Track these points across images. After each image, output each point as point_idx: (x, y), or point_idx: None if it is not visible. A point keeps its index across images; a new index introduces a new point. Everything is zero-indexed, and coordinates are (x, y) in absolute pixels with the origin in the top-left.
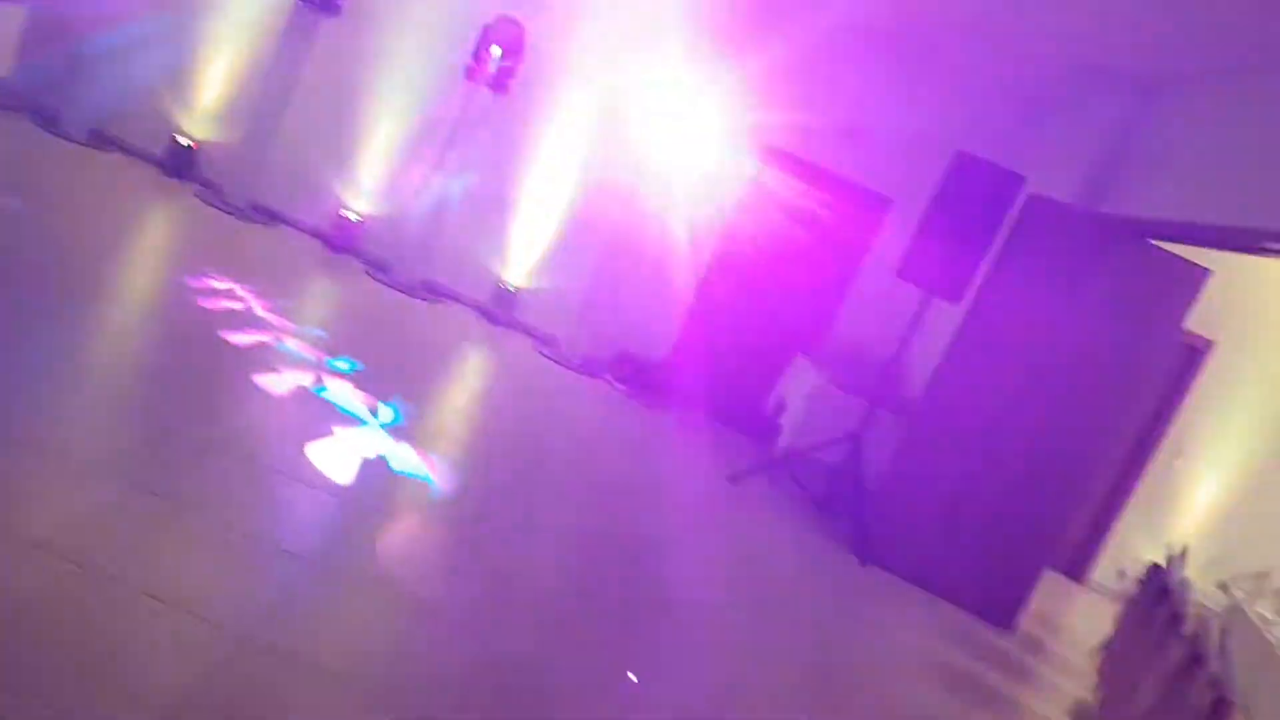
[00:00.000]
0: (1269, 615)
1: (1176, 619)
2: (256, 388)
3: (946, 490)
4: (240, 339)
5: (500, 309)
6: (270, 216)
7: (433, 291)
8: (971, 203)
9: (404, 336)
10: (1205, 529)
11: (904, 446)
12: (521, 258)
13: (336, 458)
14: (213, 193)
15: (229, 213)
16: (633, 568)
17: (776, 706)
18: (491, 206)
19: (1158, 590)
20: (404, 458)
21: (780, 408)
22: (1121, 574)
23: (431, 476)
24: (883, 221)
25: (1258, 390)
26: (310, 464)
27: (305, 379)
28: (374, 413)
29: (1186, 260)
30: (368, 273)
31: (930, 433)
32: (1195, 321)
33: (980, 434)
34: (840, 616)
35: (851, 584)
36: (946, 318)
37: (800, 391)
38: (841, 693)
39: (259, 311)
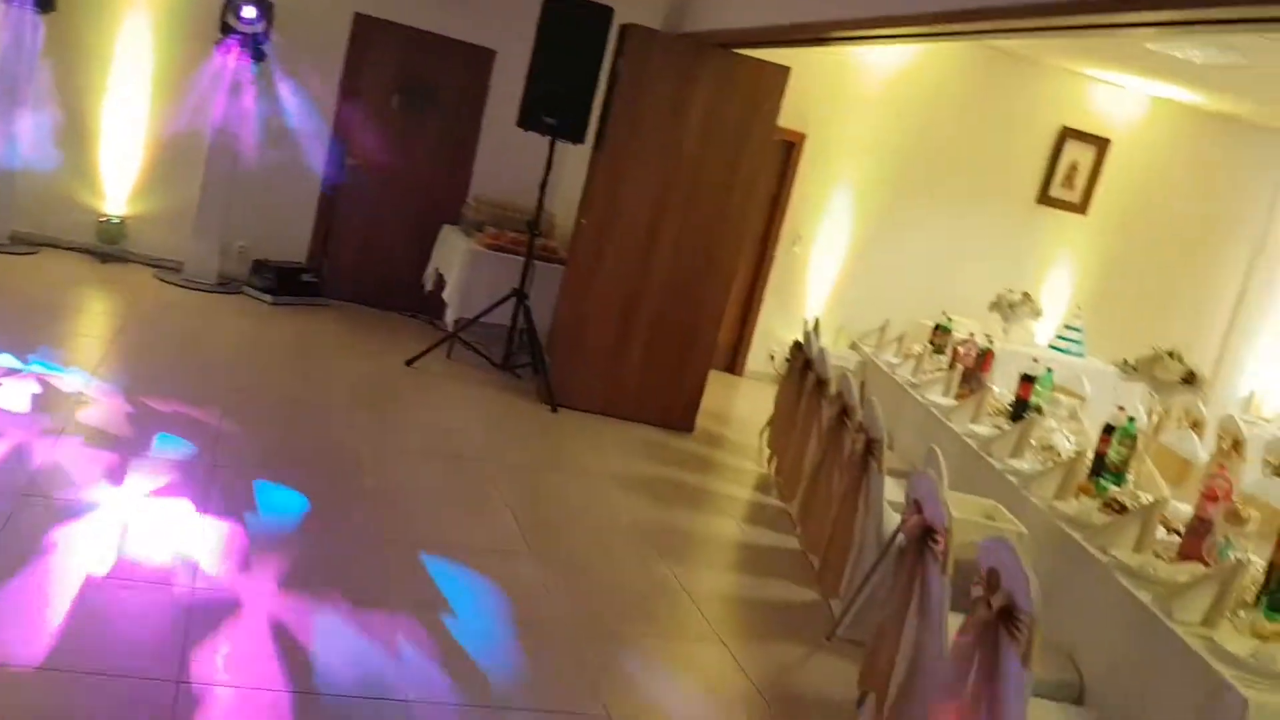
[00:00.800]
0: (893, 360)
1: (822, 384)
2: None
3: (610, 321)
4: None
5: (108, 245)
6: None
7: (25, 242)
8: (570, 41)
9: (8, 297)
10: (830, 301)
11: (564, 291)
12: (118, 186)
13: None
14: None
15: None
16: (334, 464)
17: (502, 554)
18: (69, 137)
19: (803, 364)
20: (72, 387)
21: (439, 282)
22: (770, 358)
23: (95, 399)
24: (490, 75)
25: (844, 170)
26: None
27: None
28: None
29: (768, 62)
30: None
31: (584, 271)
32: (785, 117)
33: (628, 262)
34: (543, 462)
35: (547, 431)
36: (577, 158)
37: (454, 261)
38: (557, 527)
39: None
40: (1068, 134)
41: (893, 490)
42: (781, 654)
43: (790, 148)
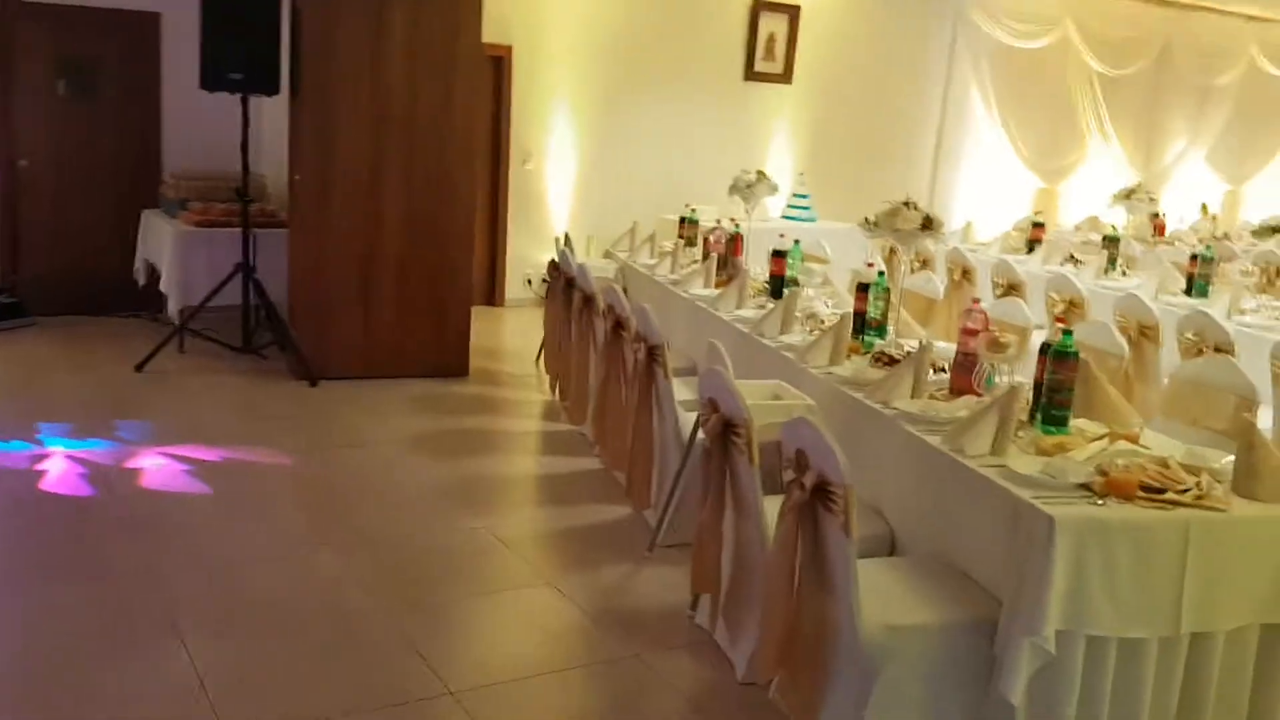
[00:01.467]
0: (649, 261)
1: (589, 299)
2: None
3: (352, 277)
4: None
5: None
6: None
7: None
8: None
9: None
10: (574, 213)
11: (293, 255)
12: None
13: None
14: None
15: None
16: (66, 501)
17: (294, 554)
18: None
19: (565, 282)
20: None
21: (152, 273)
22: (528, 282)
23: None
24: (159, 40)
25: (558, 78)
26: None
27: None
28: None
29: None
30: None
31: (311, 230)
32: (489, 31)
33: (357, 211)
34: (317, 442)
35: (312, 408)
36: (276, 111)
37: (164, 248)
38: (349, 509)
39: None
40: (760, 7)
41: (680, 390)
42: (607, 576)
43: (500, 63)
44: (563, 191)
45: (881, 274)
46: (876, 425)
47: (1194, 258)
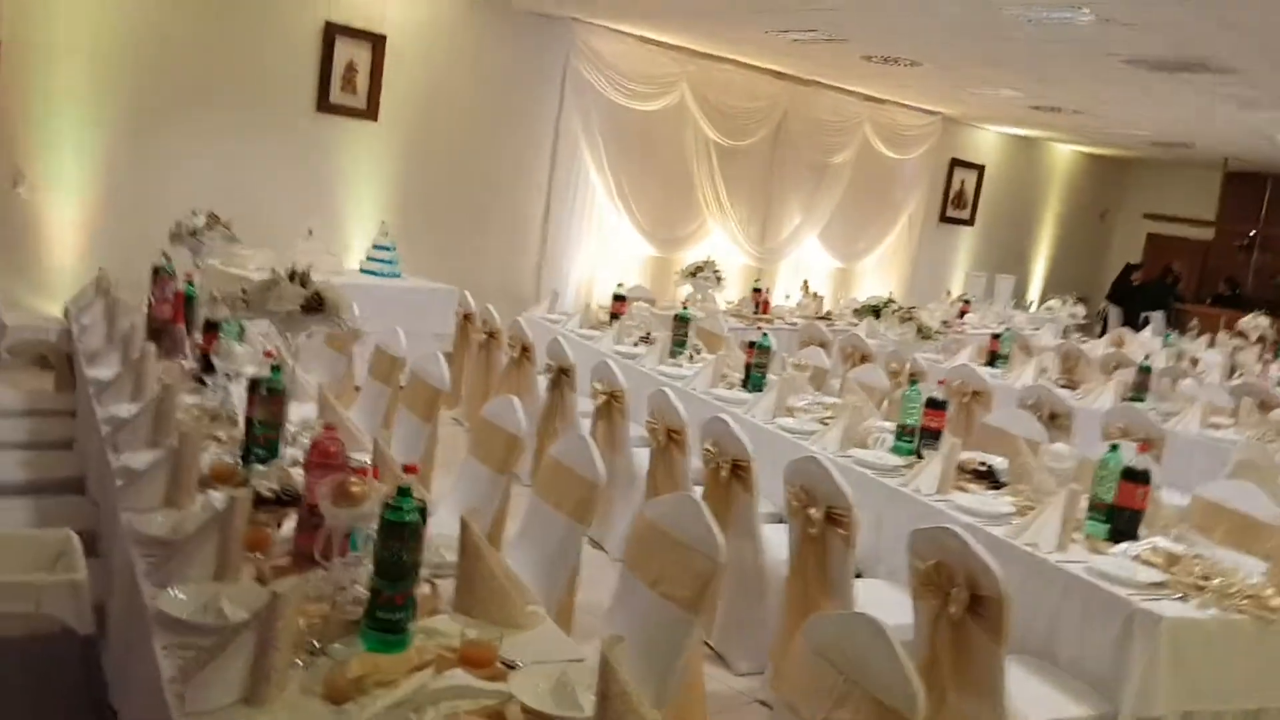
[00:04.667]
0: (86, 321)
1: None
2: None
3: None
4: None
5: None
6: None
7: None
8: None
9: None
10: (88, 250)
11: None
12: None
13: None
14: None
15: None
16: None
17: None
18: None
19: None
20: None
21: None
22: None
23: None
24: None
25: (69, 83)
26: None
27: None
28: None
29: None
30: None
31: None
32: None
33: None
34: None
35: None
36: None
37: None
38: None
39: None
40: (336, 30)
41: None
42: None
43: None
44: (73, 223)
45: (276, 368)
46: (141, 625)
47: (751, 345)
